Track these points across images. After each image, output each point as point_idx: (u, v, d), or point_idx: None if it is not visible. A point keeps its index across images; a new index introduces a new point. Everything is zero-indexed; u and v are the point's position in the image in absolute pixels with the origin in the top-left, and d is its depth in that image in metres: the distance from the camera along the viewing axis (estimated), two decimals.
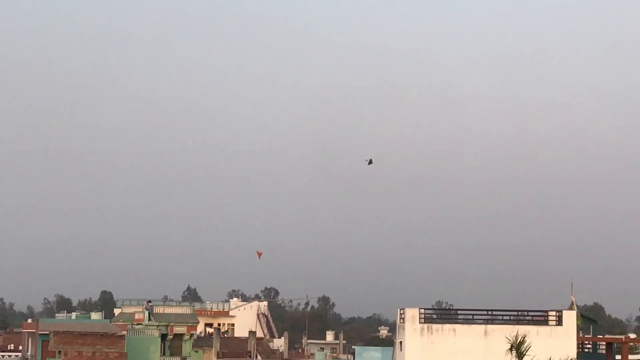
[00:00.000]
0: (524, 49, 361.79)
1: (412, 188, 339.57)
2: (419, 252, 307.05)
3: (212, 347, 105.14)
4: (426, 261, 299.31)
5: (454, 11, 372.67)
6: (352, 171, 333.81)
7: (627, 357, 74.87)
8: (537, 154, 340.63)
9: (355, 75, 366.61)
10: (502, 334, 58.82)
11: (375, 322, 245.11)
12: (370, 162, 79.87)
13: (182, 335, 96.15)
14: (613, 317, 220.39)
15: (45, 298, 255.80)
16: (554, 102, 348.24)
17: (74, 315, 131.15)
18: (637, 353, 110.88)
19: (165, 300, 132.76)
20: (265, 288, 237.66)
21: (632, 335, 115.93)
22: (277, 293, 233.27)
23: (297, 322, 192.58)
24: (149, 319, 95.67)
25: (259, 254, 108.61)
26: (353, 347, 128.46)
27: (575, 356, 56.14)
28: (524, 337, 34.28)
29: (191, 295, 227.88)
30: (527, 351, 33.75)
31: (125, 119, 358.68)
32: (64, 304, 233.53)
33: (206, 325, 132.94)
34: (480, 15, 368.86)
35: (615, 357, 74.63)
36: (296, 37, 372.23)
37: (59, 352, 69.70)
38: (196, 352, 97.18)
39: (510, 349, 34.03)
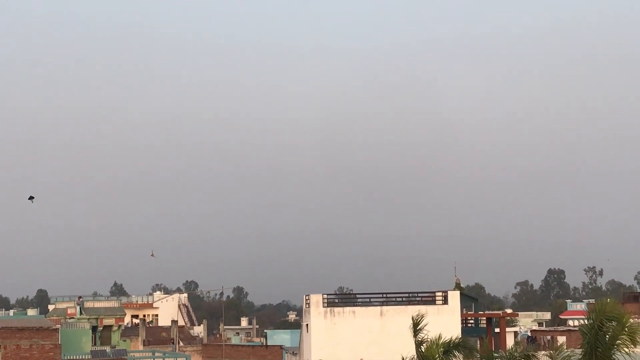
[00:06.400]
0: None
1: (311, 180, 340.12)
2: (321, 243, 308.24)
3: (138, 336, 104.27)
4: (328, 251, 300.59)
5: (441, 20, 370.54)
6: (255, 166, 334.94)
7: (505, 329, 76.21)
8: (422, 145, 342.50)
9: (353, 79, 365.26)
10: (395, 314, 59.57)
11: (284, 308, 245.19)
12: (31, 198, 77.19)
13: (111, 326, 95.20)
14: (492, 295, 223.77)
15: None
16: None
17: (11, 312, 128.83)
18: (513, 326, 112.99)
19: (95, 296, 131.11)
20: (186, 281, 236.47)
21: (509, 311, 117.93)
22: (196, 285, 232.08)
23: (214, 310, 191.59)
24: (81, 313, 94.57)
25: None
26: (265, 330, 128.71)
27: (460, 331, 56.92)
28: (423, 316, 34.52)
29: (118, 290, 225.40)
30: (423, 327, 34.04)
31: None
32: (2, 303, 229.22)
33: (132, 316, 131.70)
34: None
35: (494, 329, 75.83)
36: (306, 50, 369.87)
37: None
38: (124, 341, 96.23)
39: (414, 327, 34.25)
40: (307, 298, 62.45)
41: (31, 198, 75.39)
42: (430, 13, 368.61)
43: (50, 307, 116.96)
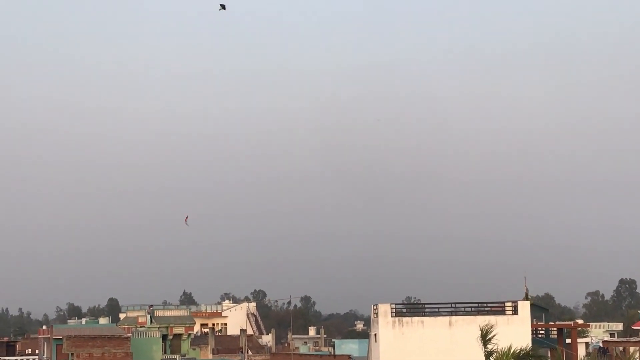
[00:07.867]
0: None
1: (377, 196, 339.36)
2: (389, 254, 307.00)
3: (207, 344, 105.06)
4: (396, 261, 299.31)
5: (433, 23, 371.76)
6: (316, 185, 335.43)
7: (576, 340, 75.17)
8: (487, 152, 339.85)
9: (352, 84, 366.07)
10: (464, 324, 59.11)
11: (351, 317, 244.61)
12: (223, 7, 67.01)
13: (180, 335, 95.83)
14: (563, 306, 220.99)
15: (58, 306, 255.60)
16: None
17: (84, 321, 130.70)
18: (585, 336, 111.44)
19: (165, 305, 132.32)
20: (255, 290, 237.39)
21: (580, 321, 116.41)
22: (264, 295, 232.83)
23: (282, 319, 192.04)
24: (151, 322, 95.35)
25: (186, 219, 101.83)
26: (333, 340, 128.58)
27: (530, 341, 56.32)
28: (492, 327, 34.24)
29: (187, 299, 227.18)
30: (492, 338, 33.77)
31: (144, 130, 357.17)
32: (74, 311, 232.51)
33: (202, 325, 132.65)
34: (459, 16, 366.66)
35: (565, 340, 74.89)
36: (308, 60, 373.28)
37: (72, 354, 69.45)
38: (194, 349, 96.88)
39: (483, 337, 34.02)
40: (375, 308, 62.33)
41: (222, 6, 68.83)
42: (429, 23, 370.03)
43: (122, 316, 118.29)
